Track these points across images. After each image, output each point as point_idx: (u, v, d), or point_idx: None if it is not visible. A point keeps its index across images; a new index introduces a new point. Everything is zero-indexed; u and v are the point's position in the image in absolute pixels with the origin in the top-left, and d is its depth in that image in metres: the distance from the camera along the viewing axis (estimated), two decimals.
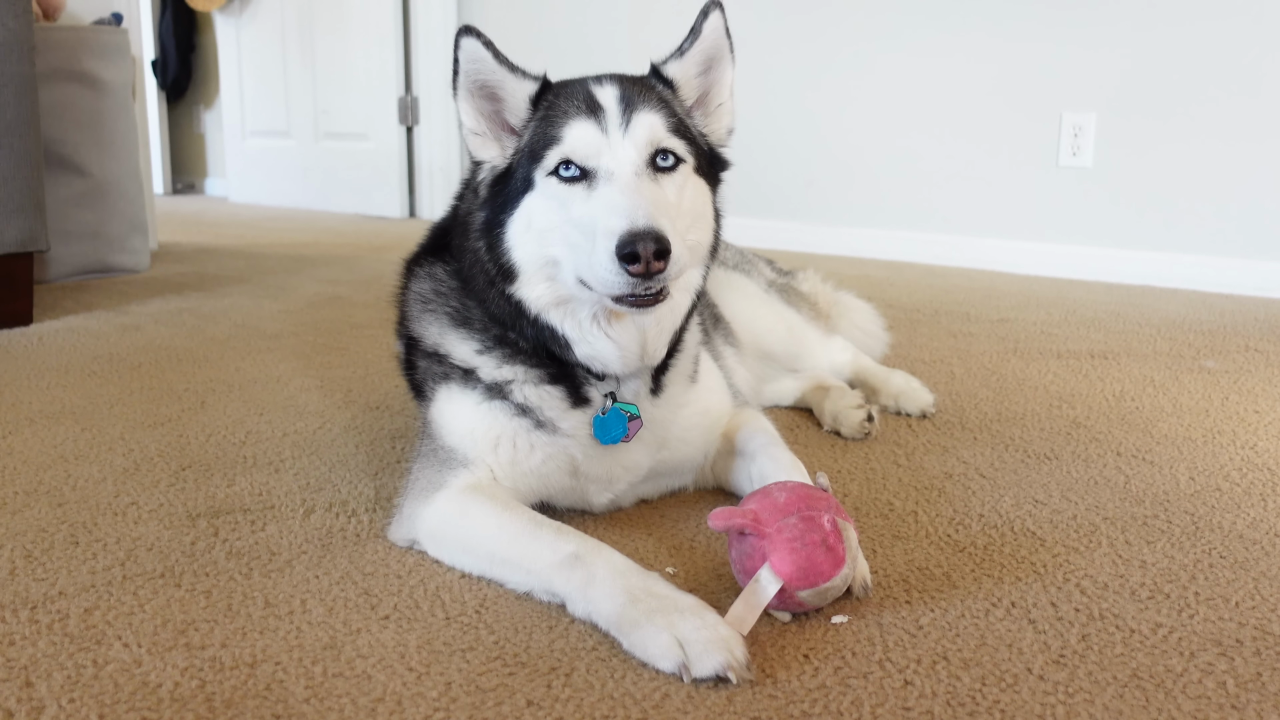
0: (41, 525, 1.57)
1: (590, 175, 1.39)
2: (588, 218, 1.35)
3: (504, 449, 1.51)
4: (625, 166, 1.38)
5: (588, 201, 1.37)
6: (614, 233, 1.28)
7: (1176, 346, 2.93)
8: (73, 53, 3.86)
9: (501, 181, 1.48)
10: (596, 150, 1.39)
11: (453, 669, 1.17)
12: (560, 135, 1.41)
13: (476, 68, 1.46)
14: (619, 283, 1.29)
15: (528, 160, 1.44)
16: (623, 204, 1.31)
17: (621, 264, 1.27)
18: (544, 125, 1.44)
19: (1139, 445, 2.01)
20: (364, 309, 3.46)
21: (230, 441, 2.00)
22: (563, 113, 1.43)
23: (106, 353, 2.75)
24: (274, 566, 1.44)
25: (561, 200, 1.39)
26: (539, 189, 1.42)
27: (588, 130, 1.40)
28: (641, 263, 1.27)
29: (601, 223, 1.31)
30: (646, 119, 1.41)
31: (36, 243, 3.02)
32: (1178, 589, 1.38)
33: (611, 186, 1.36)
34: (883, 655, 1.20)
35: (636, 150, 1.39)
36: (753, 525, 1.27)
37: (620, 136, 1.39)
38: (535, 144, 1.43)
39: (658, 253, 1.27)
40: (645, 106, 1.43)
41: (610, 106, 1.41)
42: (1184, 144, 4.05)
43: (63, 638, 1.23)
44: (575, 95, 1.44)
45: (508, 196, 1.45)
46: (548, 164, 1.41)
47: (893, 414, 2.21)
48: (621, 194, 1.33)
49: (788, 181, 5.15)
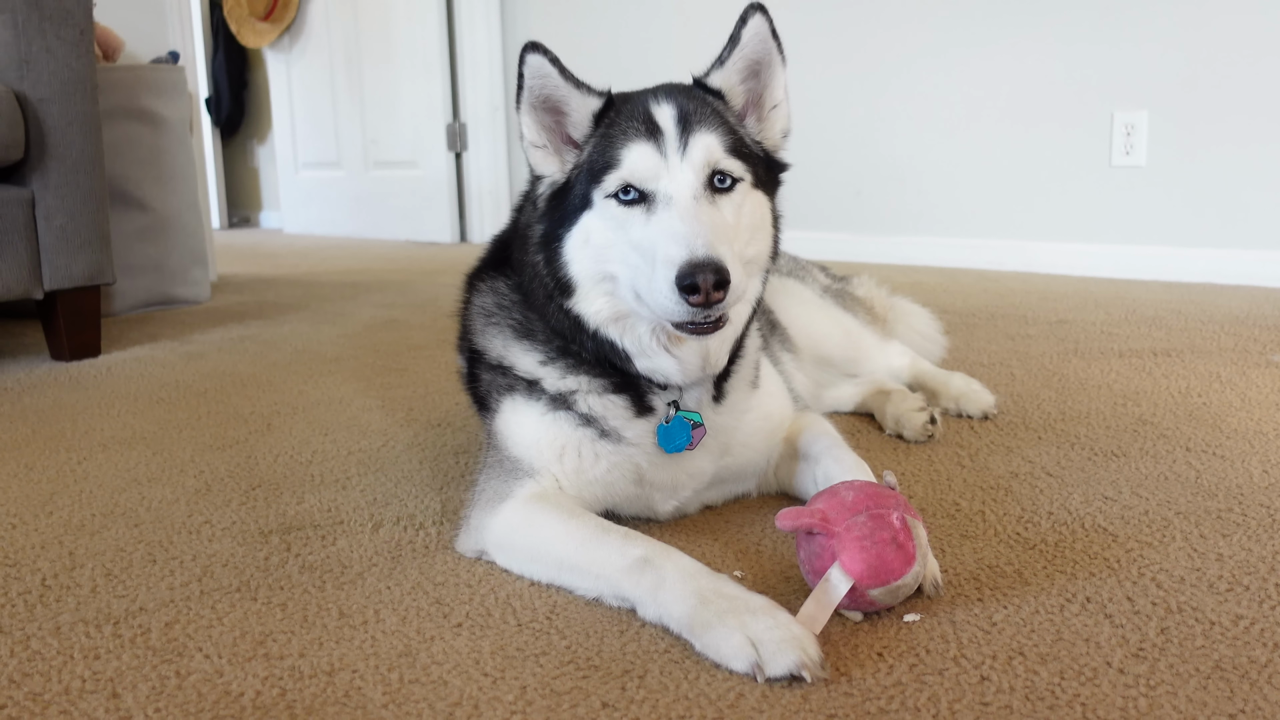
0: (120, 545, 1.61)
1: (649, 198, 1.39)
2: (647, 242, 1.36)
3: (569, 458, 1.52)
4: (684, 190, 1.38)
5: (646, 226, 1.37)
6: (674, 262, 1.29)
7: (1242, 342, 2.88)
8: (132, 91, 3.96)
9: (560, 196, 1.49)
10: (655, 174, 1.40)
11: (527, 673, 1.18)
12: (619, 158, 1.41)
13: (541, 83, 1.47)
14: (678, 311, 1.30)
15: (587, 178, 1.45)
16: (682, 231, 1.32)
17: (682, 295, 1.28)
18: (604, 144, 1.45)
19: (1208, 440, 1.97)
20: (420, 331, 3.50)
21: (297, 461, 2.03)
22: (622, 133, 1.43)
23: (173, 380, 2.81)
24: (346, 579, 1.46)
25: (620, 222, 1.40)
26: (597, 208, 1.43)
27: (646, 154, 1.41)
28: (701, 294, 1.27)
29: (661, 250, 1.32)
30: (703, 140, 1.41)
31: (103, 276, 3.10)
32: (1257, 581, 1.35)
33: (670, 212, 1.36)
34: (957, 652, 1.19)
35: (695, 173, 1.40)
36: (821, 524, 1.27)
37: (679, 160, 1.40)
38: (595, 163, 1.44)
39: (717, 283, 1.27)
40: (702, 127, 1.42)
41: (668, 128, 1.42)
42: (1239, 138, 3.99)
43: (145, 650, 1.26)
44: (635, 115, 1.45)
45: (566, 211, 1.47)
46: (607, 187, 1.42)
47: (954, 416, 2.19)
48: (681, 220, 1.34)
49: (837, 192, 5.13)
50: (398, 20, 6.83)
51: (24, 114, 2.88)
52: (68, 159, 2.96)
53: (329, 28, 7.30)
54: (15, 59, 2.88)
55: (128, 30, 4.38)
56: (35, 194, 2.93)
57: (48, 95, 2.92)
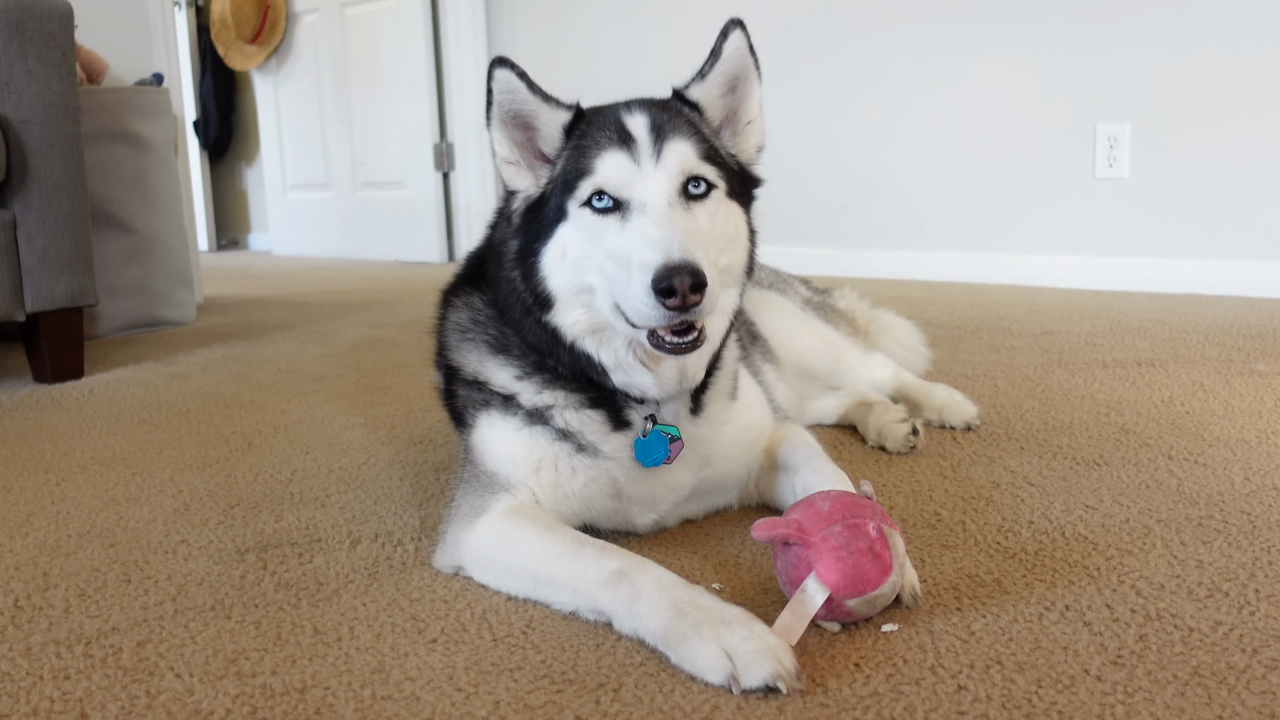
0: (95, 565, 1.59)
1: (623, 206, 1.39)
2: (622, 249, 1.35)
3: (546, 473, 1.51)
4: (658, 197, 1.38)
5: (621, 233, 1.37)
6: (650, 266, 1.28)
7: (1225, 351, 2.88)
8: (116, 113, 3.96)
9: (535, 210, 1.48)
10: (629, 181, 1.39)
11: (501, 688, 1.16)
12: (593, 166, 1.41)
13: (510, 98, 1.48)
14: (655, 315, 1.30)
15: (561, 190, 1.45)
16: (657, 236, 1.32)
17: (658, 298, 1.28)
18: (576, 155, 1.44)
19: (1191, 448, 1.97)
20: (405, 349, 3.50)
21: (277, 479, 2.02)
22: (595, 143, 1.43)
23: (155, 401, 2.80)
24: (321, 596, 1.44)
25: (595, 231, 1.40)
26: (572, 219, 1.43)
27: (620, 161, 1.40)
28: (678, 297, 1.27)
29: (636, 255, 1.31)
30: (677, 147, 1.42)
31: (86, 297, 3.09)
32: (1237, 587, 1.35)
33: (645, 218, 1.36)
34: (935, 661, 1.18)
35: (669, 179, 1.39)
36: (797, 535, 1.26)
37: (652, 167, 1.40)
38: (568, 174, 1.44)
39: (693, 285, 1.27)
40: (675, 135, 1.43)
41: (641, 136, 1.42)
42: (1222, 149, 4.01)
43: (116, 670, 1.24)
44: (607, 125, 1.45)
45: (541, 225, 1.46)
46: (580, 195, 1.41)
47: (937, 427, 2.18)
48: (656, 226, 1.34)
49: (823, 207, 5.15)
50: (385, 42, 6.85)
51: (5, 136, 2.87)
52: (49, 181, 2.95)
53: (316, 50, 7.32)
54: None
55: (113, 53, 4.38)
56: (16, 216, 2.92)
57: (29, 117, 2.91)
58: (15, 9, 2.87)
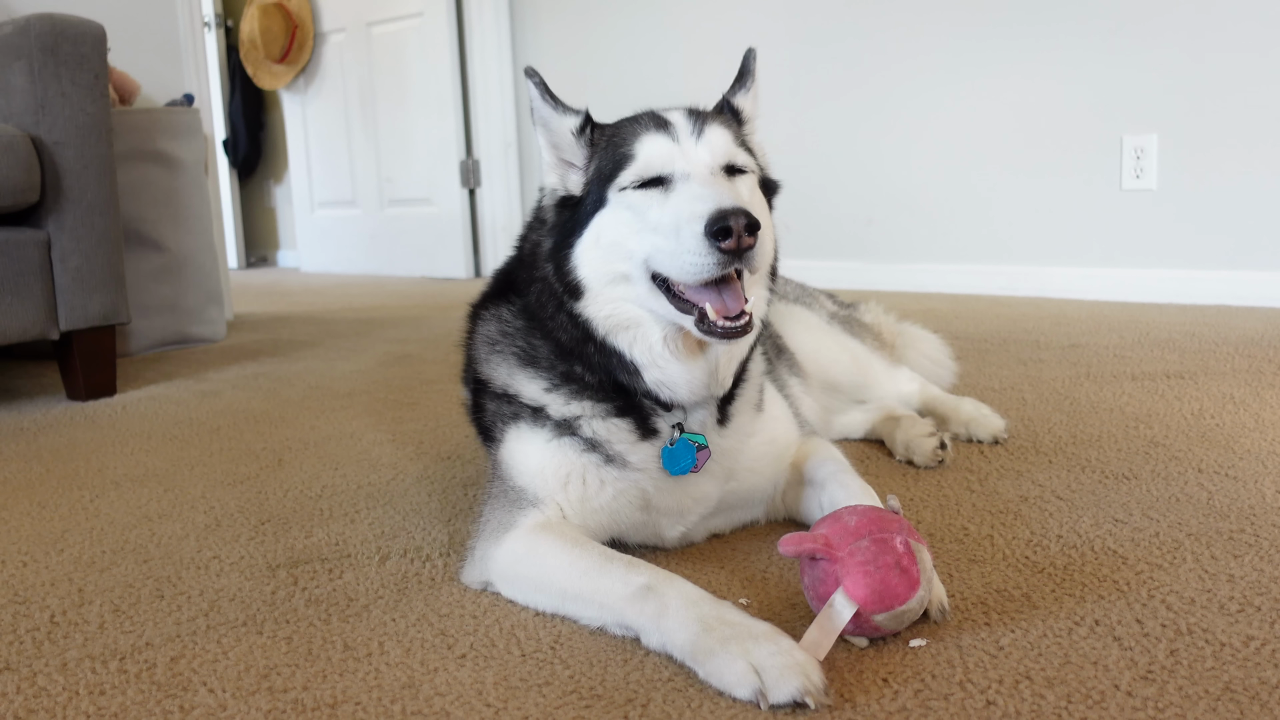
0: (128, 581, 1.61)
1: (666, 181, 1.42)
2: (668, 216, 1.37)
3: (574, 486, 1.52)
4: (701, 168, 1.42)
5: (665, 204, 1.39)
6: (701, 216, 1.30)
7: (1256, 363, 2.86)
8: (148, 134, 4.02)
9: (571, 207, 1.52)
10: (670, 158, 1.43)
11: (530, 704, 1.17)
12: (633, 152, 1.45)
13: (536, 105, 1.55)
14: (708, 264, 1.30)
15: (598, 184, 1.48)
16: (706, 193, 1.35)
17: (713, 241, 1.29)
18: (612, 149, 1.48)
19: (1221, 461, 1.96)
20: (433, 365, 3.52)
21: (307, 496, 2.04)
22: (632, 133, 1.48)
23: (186, 418, 2.83)
24: (351, 612, 1.46)
25: (638, 209, 1.42)
26: (612, 204, 1.45)
27: (660, 142, 1.44)
28: (734, 238, 1.28)
29: (686, 211, 1.34)
30: (717, 131, 1.47)
31: (118, 316, 3.13)
32: (1269, 601, 1.34)
33: (689, 184, 1.39)
34: (963, 677, 1.18)
35: (711, 154, 1.44)
36: (824, 550, 1.26)
37: (693, 145, 1.44)
38: (604, 166, 1.48)
39: (748, 226, 1.28)
40: (714, 121, 1.49)
41: (680, 122, 1.47)
42: (1250, 159, 3.98)
43: (150, 686, 1.26)
44: (642, 119, 1.50)
45: (577, 220, 1.49)
46: (622, 180, 1.44)
47: (964, 441, 2.18)
48: (703, 186, 1.37)
49: (848, 220, 5.15)
50: (411, 60, 6.91)
51: (40, 157, 2.92)
52: (83, 201, 3.00)
53: (343, 69, 7.39)
54: (31, 104, 2.93)
55: (144, 74, 4.45)
56: (51, 236, 2.97)
57: (63, 139, 2.96)
58: (50, 33, 2.93)
